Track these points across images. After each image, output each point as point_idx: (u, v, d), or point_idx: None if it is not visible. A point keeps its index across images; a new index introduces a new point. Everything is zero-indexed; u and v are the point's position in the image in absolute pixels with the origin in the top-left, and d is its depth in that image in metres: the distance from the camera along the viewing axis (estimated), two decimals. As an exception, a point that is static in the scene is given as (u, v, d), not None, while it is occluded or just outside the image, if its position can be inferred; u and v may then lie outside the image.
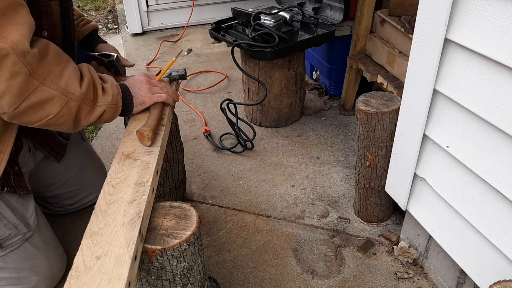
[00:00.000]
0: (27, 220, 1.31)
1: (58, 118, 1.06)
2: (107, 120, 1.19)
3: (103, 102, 1.13)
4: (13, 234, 1.26)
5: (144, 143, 1.16)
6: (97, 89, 1.13)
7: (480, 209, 1.10)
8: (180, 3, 3.61)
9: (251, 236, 1.64)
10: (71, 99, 1.05)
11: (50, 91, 1.02)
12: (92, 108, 1.12)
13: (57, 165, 1.56)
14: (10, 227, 1.26)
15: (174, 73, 1.51)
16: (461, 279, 1.31)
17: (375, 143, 1.46)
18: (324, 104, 2.49)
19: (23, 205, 1.31)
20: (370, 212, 1.65)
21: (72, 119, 1.09)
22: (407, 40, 1.76)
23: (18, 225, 1.27)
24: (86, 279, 0.81)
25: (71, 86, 1.05)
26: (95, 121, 1.15)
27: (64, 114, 1.06)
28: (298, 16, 2.17)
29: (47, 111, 1.04)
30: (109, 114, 1.17)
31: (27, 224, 1.30)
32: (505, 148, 0.98)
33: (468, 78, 1.03)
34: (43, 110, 1.03)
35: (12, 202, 1.27)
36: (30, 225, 1.31)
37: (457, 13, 1.00)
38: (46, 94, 1.01)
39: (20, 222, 1.28)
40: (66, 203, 1.69)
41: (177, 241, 0.93)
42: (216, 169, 2.01)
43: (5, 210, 1.24)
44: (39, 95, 1.01)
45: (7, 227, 1.25)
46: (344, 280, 1.45)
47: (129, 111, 1.26)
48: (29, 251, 1.31)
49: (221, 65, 3.01)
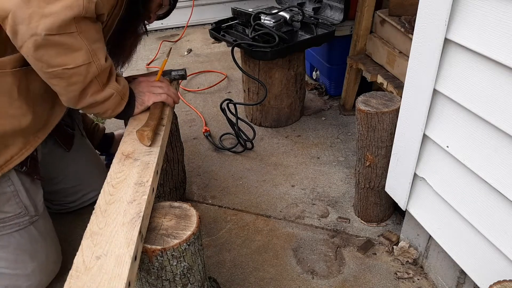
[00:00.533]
0: (37, 204, 1.34)
1: (74, 73, 1.08)
2: (108, 109, 1.21)
3: (114, 86, 1.19)
4: (22, 213, 1.29)
5: (144, 143, 1.16)
6: (112, 75, 1.19)
7: (480, 209, 1.10)
8: (180, 3, 3.58)
9: (251, 236, 1.64)
10: (94, 62, 1.10)
11: (82, 43, 1.06)
12: (102, 88, 1.16)
13: (62, 157, 1.58)
14: (21, 205, 1.29)
15: (174, 73, 1.51)
16: (461, 279, 1.31)
17: (375, 143, 1.46)
18: (324, 104, 2.49)
19: (34, 189, 1.34)
20: (370, 212, 1.65)
21: (83, 85, 1.11)
22: (407, 40, 1.76)
23: (28, 206, 1.30)
24: (86, 279, 0.81)
25: (99, 53, 1.11)
26: (100, 101, 1.17)
27: (81, 73, 1.09)
28: (298, 16, 2.17)
29: (70, 59, 1.06)
30: (114, 101, 1.21)
31: (36, 207, 1.33)
32: (505, 148, 0.98)
33: (468, 78, 1.03)
34: (68, 56, 1.05)
35: (26, 184, 1.30)
36: (39, 209, 1.35)
37: (457, 13, 1.00)
38: (78, 43, 1.05)
39: (30, 204, 1.31)
40: (67, 200, 1.69)
41: (177, 241, 0.94)
42: (216, 169, 2.01)
43: (20, 188, 1.27)
44: (72, 40, 1.04)
45: (19, 205, 1.28)
46: (344, 280, 1.45)
47: (131, 111, 1.28)
48: (32, 234, 1.34)
49: (221, 65, 3.01)
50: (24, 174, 1.29)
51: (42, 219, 1.38)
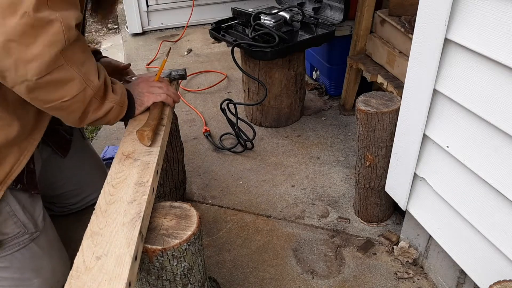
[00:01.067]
0: (36, 219, 1.31)
1: (72, 102, 1.07)
2: (110, 120, 1.20)
3: (112, 99, 1.17)
4: (21, 232, 1.26)
5: (144, 143, 1.16)
6: (108, 87, 1.17)
7: (480, 209, 1.10)
8: (180, 3, 3.61)
9: (251, 236, 1.64)
10: (89, 86, 1.08)
11: (72, 72, 1.04)
12: (101, 104, 1.15)
13: (60, 162, 1.56)
14: (19, 225, 1.25)
15: (174, 73, 1.51)
16: (461, 279, 1.31)
17: (375, 143, 1.46)
18: (324, 104, 2.49)
19: (32, 204, 1.31)
20: (370, 212, 1.65)
21: (83, 108, 1.10)
22: (407, 40, 1.76)
23: (27, 224, 1.27)
24: (87, 279, 0.81)
25: (91, 74, 1.09)
26: (101, 116, 1.16)
27: (78, 100, 1.08)
28: (298, 16, 2.17)
29: (65, 92, 1.05)
30: (115, 112, 1.19)
31: (35, 223, 1.30)
32: (505, 148, 0.98)
33: (468, 78, 1.03)
34: (62, 89, 1.04)
35: (22, 201, 1.27)
36: (38, 225, 1.31)
37: (457, 13, 1.00)
38: (69, 74, 1.03)
39: (29, 221, 1.28)
40: (69, 202, 1.69)
41: (177, 241, 0.94)
42: (216, 169, 2.01)
43: (16, 208, 1.24)
44: (62, 73, 1.02)
45: (17, 225, 1.25)
46: (344, 280, 1.45)
47: (132, 114, 1.28)
48: (34, 251, 1.31)
49: (221, 65, 3.01)
50: (20, 191, 1.25)
51: (43, 234, 1.34)
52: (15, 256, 1.27)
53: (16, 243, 1.26)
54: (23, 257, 1.29)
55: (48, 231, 1.38)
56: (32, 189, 1.29)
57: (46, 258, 1.35)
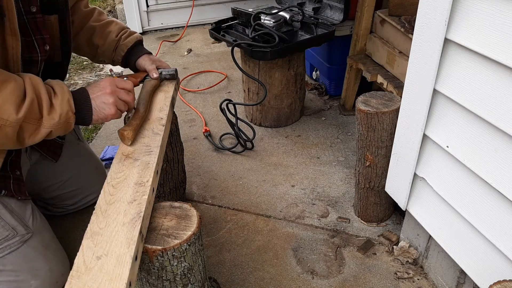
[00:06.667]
0: (26, 222, 1.30)
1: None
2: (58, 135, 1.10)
3: (48, 123, 1.04)
4: (11, 235, 1.25)
5: (125, 143, 1.16)
6: (42, 108, 1.03)
7: (480, 209, 1.10)
8: (180, 3, 3.61)
9: (251, 236, 1.64)
10: (5, 125, 0.97)
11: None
12: (38, 127, 1.04)
13: (54, 166, 1.55)
14: (7, 228, 1.25)
15: (164, 73, 1.45)
16: (461, 279, 1.31)
17: (375, 143, 1.46)
18: (324, 104, 2.49)
19: (21, 207, 1.30)
20: (370, 212, 1.65)
21: (12, 141, 1.02)
22: (407, 40, 1.76)
23: (16, 227, 1.26)
24: (87, 279, 0.81)
25: (4, 112, 0.96)
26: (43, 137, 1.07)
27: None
28: (298, 16, 2.17)
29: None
30: (59, 131, 1.09)
31: (25, 225, 1.29)
32: (505, 148, 0.98)
33: (468, 78, 1.03)
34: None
35: (10, 204, 1.26)
36: (29, 227, 1.30)
37: (457, 13, 1.00)
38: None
39: (18, 224, 1.27)
40: (66, 204, 1.68)
41: (177, 241, 0.94)
42: (216, 169, 2.01)
43: (2, 211, 1.23)
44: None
45: (5, 228, 1.24)
46: (344, 280, 1.46)
47: (87, 123, 1.16)
48: (28, 253, 1.30)
49: (221, 65, 3.01)
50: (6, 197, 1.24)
51: (37, 236, 1.32)
52: (7, 259, 1.26)
53: (6, 246, 1.25)
54: (17, 259, 1.28)
55: (43, 232, 1.36)
56: (19, 195, 1.28)
57: (42, 259, 1.33)
